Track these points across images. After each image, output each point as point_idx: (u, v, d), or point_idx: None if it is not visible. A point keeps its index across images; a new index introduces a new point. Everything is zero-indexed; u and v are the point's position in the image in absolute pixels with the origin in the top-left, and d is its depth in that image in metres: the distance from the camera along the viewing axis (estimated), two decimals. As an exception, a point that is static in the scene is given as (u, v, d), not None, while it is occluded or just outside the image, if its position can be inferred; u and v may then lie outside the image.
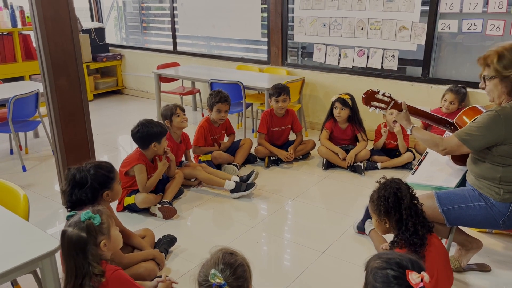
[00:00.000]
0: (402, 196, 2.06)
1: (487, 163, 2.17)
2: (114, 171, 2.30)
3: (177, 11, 6.11)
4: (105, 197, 2.24)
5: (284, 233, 2.91)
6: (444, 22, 4.10)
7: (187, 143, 3.72)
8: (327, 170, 3.92)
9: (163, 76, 5.40)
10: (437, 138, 2.30)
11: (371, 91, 2.42)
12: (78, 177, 2.20)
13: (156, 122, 3.20)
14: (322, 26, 4.82)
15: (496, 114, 2.07)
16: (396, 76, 4.51)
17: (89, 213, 1.70)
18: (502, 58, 2.08)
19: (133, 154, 3.18)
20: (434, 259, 2.01)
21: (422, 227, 2.03)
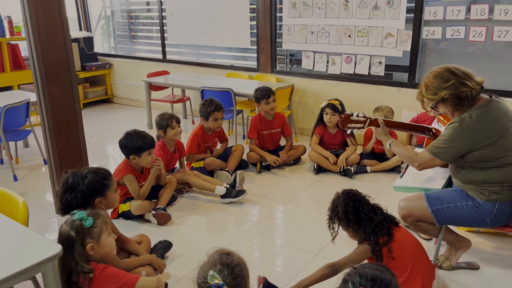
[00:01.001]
0: (356, 198, 2.17)
1: (466, 169, 2.26)
2: (109, 178, 2.30)
3: (166, 20, 6.16)
4: (98, 203, 2.24)
5: (277, 237, 2.95)
6: (428, 29, 4.22)
7: (181, 151, 3.75)
8: (318, 174, 3.98)
9: (153, 84, 5.43)
10: (412, 154, 2.39)
11: (344, 115, 2.53)
12: (70, 181, 2.22)
13: (143, 135, 3.12)
14: (310, 33, 4.91)
15: (458, 125, 2.17)
16: (383, 81, 4.61)
17: (83, 214, 1.75)
18: (428, 87, 2.24)
19: (121, 165, 3.18)
20: (405, 245, 2.10)
21: (385, 220, 2.13)
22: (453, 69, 2.21)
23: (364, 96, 4.62)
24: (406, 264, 2.09)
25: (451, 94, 2.16)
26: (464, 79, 2.17)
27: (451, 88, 2.16)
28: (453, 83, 2.16)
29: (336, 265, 2.20)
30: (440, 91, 2.17)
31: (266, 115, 4.15)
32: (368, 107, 4.39)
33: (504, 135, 2.12)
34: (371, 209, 2.18)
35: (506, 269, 2.56)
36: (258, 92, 4.09)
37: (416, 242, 2.23)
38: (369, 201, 2.23)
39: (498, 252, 2.73)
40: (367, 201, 2.22)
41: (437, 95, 2.18)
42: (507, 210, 2.22)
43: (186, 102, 5.85)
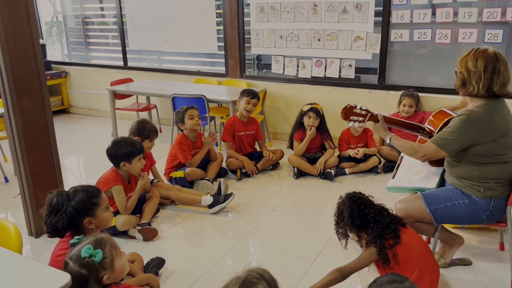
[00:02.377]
0: (361, 201, 2.17)
1: (464, 164, 2.32)
2: (98, 196, 2.14)
3: (127, 26, 5.94)
4: (87, 224, 2.07)
5: (271, 245, 2.89)
6: (396, 32, 4.34)
7: (151, 159, 3.61)
8: (299, 178, 3.97)
9: (118, 92, 5.21)
10: (415, 145, 2.41)
11: (348, 106, 2.50)
12: (55, 202, 2.04)
13: (131, 141, 3.07)
14: (279, 38, 4.91)
15: (467, 118, 2.21)
16: (353, 84, 4.69)
17: (90, 248, 1.57)
18: (466, 56, 2.26)
19: (109, 175, 3.03)
20: (412, 247, 2.12)
21: (391, 222, 2.14)
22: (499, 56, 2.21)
23: (336, 99, 4.67)
24: (414, 266, 2.10)
25: (462, 75, 2.22)
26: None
27: (469, 72, 2.20)
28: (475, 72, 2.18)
29: (344, 269, 2.17)
30: (463, 67, 2.22)
31: (240, 116, 4.10)
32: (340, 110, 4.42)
33: (506, 134, 2.19)
34: (378, 211, 2.18)
35: (497, 263, 2.65)
36: (245, 91, 4.06)
37: (422, 242, 2.25)
38: (374, 202, 2.23)
39: (486, 246, 2.82)
40: (372, 203, 2.22)
41: (461, 67, 2.23)
42: (502, 206, 2.29)
43: (152, 110, 5.65)
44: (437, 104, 4.27)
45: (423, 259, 2.16)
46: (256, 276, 1.44)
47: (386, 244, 2.10)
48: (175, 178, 3.74)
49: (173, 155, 3.78)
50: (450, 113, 2.56)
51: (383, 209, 2.22)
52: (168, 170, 3.80)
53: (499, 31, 3.91)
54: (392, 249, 2.10)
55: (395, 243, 2.10)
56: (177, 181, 3.73)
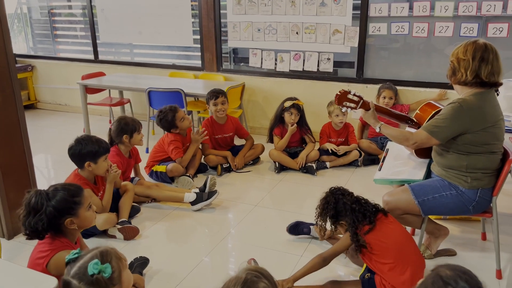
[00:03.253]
0: (340, 192, 2.25)
1: (452, 153, 2.33)
2: (80, 195, 2.01)
3: (97, 18, 5.73)
4: (69, 225, 1.96)
5: (257, 242, 2.83)
6: (374, 25, 4.35)
7: (136, 157, 3.49)
8: (280, 173, 3.93)
9: (89, 87, 5.02)
10: (406, 133, 2.42)
11: (343, 91, 2.46)
12: (33, 202, 1.91)
13: (96, 139, 2.85)
14: (256, 31, 4.84)
15: (459, 105, 2.23)
16: (332, 78, 4.68)
17: (98, 264, 1.42)
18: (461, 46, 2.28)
19: (72, 180, 2.82)
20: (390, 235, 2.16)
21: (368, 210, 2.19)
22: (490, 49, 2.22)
23: (314, 92, 4.65)
24: (392, 254, 2.12)
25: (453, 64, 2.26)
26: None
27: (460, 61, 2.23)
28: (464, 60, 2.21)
29: (324, 254, 2.25)
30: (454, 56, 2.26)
31: (217, 118, 4.01)
32: (319, 103, 4.44)
33: (495, 125, 2.22)
34: (355, 200, 2.22)
35: (480, 252, 2.70)
36: (209, 93, 3.95)
37: (404, 231, 2.27)
38: (353, 194, 2.28)
39: (468, 236, 2.87)
40: (351, 193, 2.28)
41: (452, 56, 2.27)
42: (487, 196, 2.32)
43: (125, 105, 5.48)
44: (414, 97, 4.33)
45: (403, 247, 2.18)
46: (255, 274, 1.37)
47: (362, 230, 2.13)
48: (155, 172, 3.63)
49: (162, 150, 3.68)
50: (438, 105, 2.57)
51: (362, 199, 2.26)
52: (151, 163, 3.68)
53: (475, 25, 3.98)
54: (367, 234, 2.12)
55: (370, 229, 2.14)
56: (158, 175, 3.63)
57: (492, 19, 3.95)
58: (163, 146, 3.71)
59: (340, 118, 4.00)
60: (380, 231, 2.11)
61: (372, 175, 3.85)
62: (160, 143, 3.76)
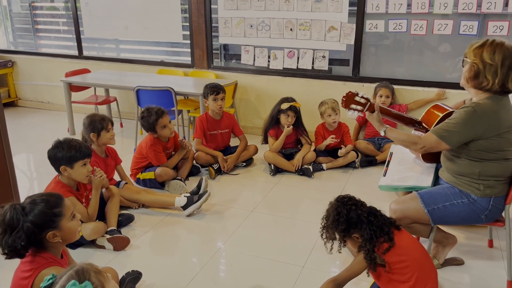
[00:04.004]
0: (351, 202, 2.03)
1: (464, 159, 2.21)
2: (61, 205, 1.81)
3: (81, 12, 5.48)
4: (52, 239, 1.77)
5: (255, 251, 2.67)
6: (371, 22, 4.22)
7: (115, 157, 3.29)
8: (275, 175, 3.78)
9: (74, 84, 4.79)
10: (414, 136, 2.28)
11: (350, 93, 2.32)
12: (8, 218, 1.71)
13: (75, 143, 2.62)
14: (249, 27, 4.67)
15: (472, 110, 2.10)
16: (327, 76, 4.54)
17: (76, 285, 1.27)
18: (481, 47, 2.10)
19: (53, 187, 2.61)
20: (410, 251, 2.00)
21: (385, 224, 2.01)
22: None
23: (309, 91, 4.51)
24: (412, 271, 1.97)
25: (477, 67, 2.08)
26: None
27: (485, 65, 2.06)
28: (491, 65, 2.05)
29: (337, 280, 2.05)
30: (477, 57, 2.07)
31: (213, 114, 3.84)
32: (314, 102, 4.29)
33: (510, 130, 2.09)
34: (371, 212, 2.04)
35: (488, 261, 2.59)
36: (207, 87, 3.77)
37: (419, 245, 2.13)
38: (365, 203, 2.09)
39: (475, 243, 2.76)
40: (364, 204, 2.08)
41: (474, 56, 2.08)
42: (500, 205, 2.21)
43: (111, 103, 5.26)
44: (411, 96, 4.22)
45: (422, 263, 2.04)
46: None
47: (380, 249, 1.96)
48: (143, 180, 3.44)
49: (142, 156, 3.47)
50: (446, 107, 2.45)
51: (376, 210, 2.08)
52: (135, 171, 3.49)
53: (474, 23, 3.88)
54: (386, 253, 1.96)
55: (390, 246, 1.97)
56: (146, 183, 3.44)
57: (492, 17, 3.86)
58: (142, 150, 3.48)
59: (333, 117, 3.87)
60: (399, 248, 1.94)
61: (370, 176, 3.78)
62: (139, 149, 3.52)
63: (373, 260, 1.96)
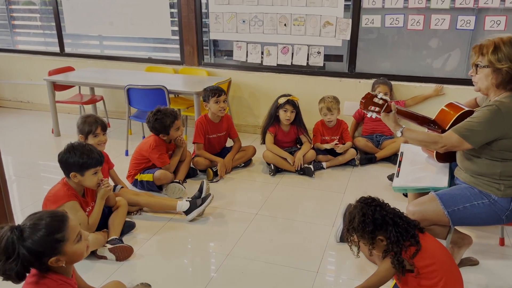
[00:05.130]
0: (376, 203, 1.96)
1: (484, 159, 2.16)
2: (63, 229, 1.62)
3: (63, 7, 5.23)
4: (55, 263, 1.61)
5: (265, 257, 2.57)
6: (367, 17, 4.14)
7: (107, 162, 3.13)
8: (275, 175, 3.68)
9: (58, 83, 4.56)
10: (434, 135, 2.22)
11: (370, 95, 2.23)
12: (3, 244, 1.53)
13: (88, 149, 2.50)
14: (241, 22, 4.54)
15: (496, 109, 2.05)
16: (323, 72, 4.46)
17: None
18: (497, 50, 2.05)
19: (59, 190, 2.50)
20: (436, 254, 1.94)
21: (409, 226, 1.95)
22: None
23: (304, 88, 4.41)
24: (440, 275, 1.90)
25: (511, 70, 2.01)
26: None
27: None
28: None
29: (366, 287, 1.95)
30: (505, 61, 2.01)
31: (213, 117, 3.70)
32: (309, 99, 4.23)
33: None
34: (396, 213, 1.97)
35: (502, 260, 2.56)
36: (207, 90, 3.63)
37: (444, 248, 2.07)
38: (389, 205, 2.02)
39: (486, 242, 2.73)
40: (388, 205, 2.01)
41: (500, 62, 2.02)
42: (520, 204, 2.17)
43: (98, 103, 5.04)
44: (408, 93, 4.18)
45: (449, 266, 1.98)
46: None
47: (408, 252, 1.89)
48: (141, 181, 3.30)
49: (143, 157, 3.32)
50: (461, 106, 2.39)
51: (400, 212, 2.01)
52: (134, 171, 3.33)
53: (472, 18, 3.85)
54: (414, 258, 1.89)
55: (417, 249, 1.90)
56: (143, 185, 3.29)
57: (489, 11, 3.84)
58: (143, 152, 3.34)
59: (329, 117, 3.80)
60: (426, 252, 1.88)
61: (371, 174, 3.72)
62: (139, 151, 3.37)
63: (401, 263, 1.89)
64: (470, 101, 2.55)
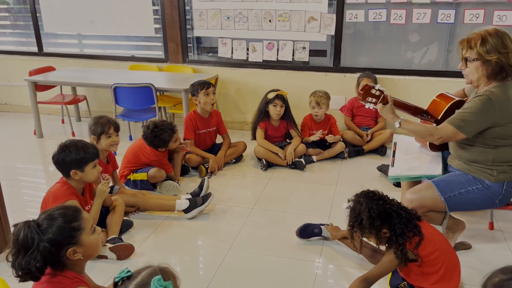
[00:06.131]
0: (378, 197, 2.01)
1: (476, 147, 2.25)
2: (79, 218, 1.65)
3: (40, 5, 5.10)
4: (73, 256, 1.61)
5: (266, 249, 2.60)
6: (351, 12, 4.22)
7: (114, 163, 3.11)
8: (267, 170, 3.71)
9: (40, 83, 4.46)
10: (431, 127, 2.30)
11: (368, 86, 2.29)
12: (21, 237, 1.54)
13: (82, 144, 2.48)
14: (226, 19, 4.54)
15: (487, 98, 2.14)
16: (308, 67, 4.51)
17: (161, 280, 1.21)
18: (485, 42, 2.14)
19: (58, 189, 2.47)
20: (437, 241, 2.01)
21: (410, 216, 2.01)
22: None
23: (290, 83, 4.46)
24: (442, 262, 1.98)
25: (500, 61, 2.09)
26: None
27: (505, 55, 2.09)
28: (509, 53, 2.09)
29: (369, 278, 2.00)
30: (493, 52, 2.09)
31: (202, 112, 3.70)
32: (295, 94, 4.27)
33: None
34: (398, 205, 2.02)
35: (493, 243, 2.66)
36: (195, 84, 3.62)
37: (442, 235, 2.15)
38: (389, 197, 2.07)
39: (475, 227, 2.83)
40: (388, 197, 2.06)
41: (489, 54, 2.09)
42: (512, 188, 2.28)
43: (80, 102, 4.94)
44: (393, 85, 4.27)
45: (449, 252, 2.06)
46: None
47: (412, 243, 1.95)
48: (134, 181, 3.27)
49: (137, 161, 3.31)
50: (452, 96, 2.48)
51: (400, 203, 2.07)
52: (126, 171, 3.30)
53: (451, 11, 3.98)
54: (418, 247, 1.95)
55: (421, 239, 1.96)
56: (137, 184, 3.27)
57: (468, 5, 3.97)
58: (141, 158, 3.31)
59: (316, 111, 3.86)
60: (428, 240, 1.95)
61: (360, 166, 3.80)
62: (136, 155, 3.33)
63: (405, 255, 1.94)
64: (459, 91, 2.64)
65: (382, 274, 2.01)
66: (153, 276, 1.23)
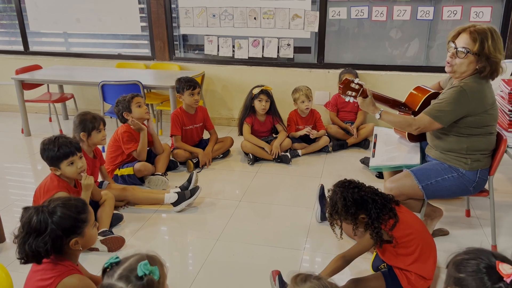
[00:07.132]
0: (353, 185, 2.10)
1: (451, 136, 2.36)
2: (86, 211, 1.76)
3: (26, 4, 5.11)
4: (73, 245, 1.70)
5: (254, 238, 2.70)
6: (334, 10, 4.33)
7: (100, 158, 3.16)
8: (254, 164, 3.80)
9: (26, 82, 4.48)
10: (409, 118, 2.41)
11: (347, 80, 2.39)
12: (35, 221, 1.64)
13: (60, 142, 2.47)
14: (211, 16, 4.61)
15: (462, 90, 2.25)
16: (293, 64, 4.61)
17: (147, 265, 1.28)
18: (494, 39, 2.19)
19: (49, 181, 2.54)
20: (412, 224, 2.12)
21: (386, 201, 2.12)
22: None
23: (275, 79, 4.55)
24: (417, 243, 2.09)
25: (499, 61, 2.21)
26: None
27: (502, 56, 2.21)
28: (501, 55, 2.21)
29: (347, 256, 2.12)
30: (497, 52, 2.19)
31: (188, 109, 3.78)
32: (281, 90, 4.36)
33: (493, 106, 2.28)
34: (373, 191, 2.12)
35: (469, 229, 2.80)
36: (182, 82, 3.68)
37: (418, 219, 2.26)
38: (365, 184, 2.17)
39: (453, 214, 2.96)
40: (364, 184, 2.16)
41: (494, 52, 2.18)
42: (485, 176, 2.39)
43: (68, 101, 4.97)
44: (376, 81, 4.39)
45: (424, 235, 2.17)
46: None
47: (387, 225, 2.06)
48: (121, 176, 3.33)
49: (116, 146, 3.36)
50: (428, 88, 2.60)
51: (376, 189, 2.17)
52: (112, 167, 3.36)
53: (430, 8, 4.10)
54: (393, 229, 2.06)
55: (396, 221, 2.07)
56: (125, 179, 3.33)
57: (446, 2, 4.10)
58: (117, 140, 3.37)
59: (306, 104, 3.96)
60: (403, 223, 2.05)
61: (343, 159, 3.92)
62: (113, 140, 3.41)
63: (380, 237, 2.05)
64: (435, 84, 2.76)
65: (359, 252, 2.11)
66: (141, 260, 1.30)
